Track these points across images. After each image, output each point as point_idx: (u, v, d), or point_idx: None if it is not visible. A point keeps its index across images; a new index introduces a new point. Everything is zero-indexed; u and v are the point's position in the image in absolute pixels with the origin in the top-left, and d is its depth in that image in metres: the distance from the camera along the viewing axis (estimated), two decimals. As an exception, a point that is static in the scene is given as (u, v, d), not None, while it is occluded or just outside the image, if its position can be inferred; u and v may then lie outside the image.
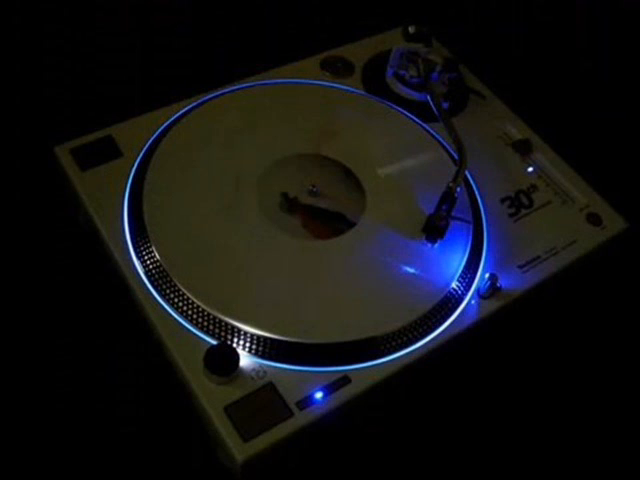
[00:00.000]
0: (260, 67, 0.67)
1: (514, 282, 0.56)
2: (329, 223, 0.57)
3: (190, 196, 0.56)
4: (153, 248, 0.53)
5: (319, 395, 0.48)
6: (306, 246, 0.55)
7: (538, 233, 0.60)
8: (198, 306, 0.50)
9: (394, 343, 0.51)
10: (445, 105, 0.65)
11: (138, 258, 0.53)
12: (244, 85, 0.65)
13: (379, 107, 0.66)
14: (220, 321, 0.50)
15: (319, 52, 0.69)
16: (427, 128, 0.65)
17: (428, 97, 0.64)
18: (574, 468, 0.55)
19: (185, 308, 0.50)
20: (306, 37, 0.78)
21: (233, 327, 0.50)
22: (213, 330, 0.50)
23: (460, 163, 0.58)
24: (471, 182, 0.62)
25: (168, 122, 0.61)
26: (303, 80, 0.67)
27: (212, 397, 0.47)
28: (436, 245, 0.56)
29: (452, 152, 0.62)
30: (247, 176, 0.58)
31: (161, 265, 0.52)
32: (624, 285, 0.66)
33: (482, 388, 0.57)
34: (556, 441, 0.56)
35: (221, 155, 0.59)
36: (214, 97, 0.64)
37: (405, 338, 0.51)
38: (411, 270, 0.55)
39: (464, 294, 0.55)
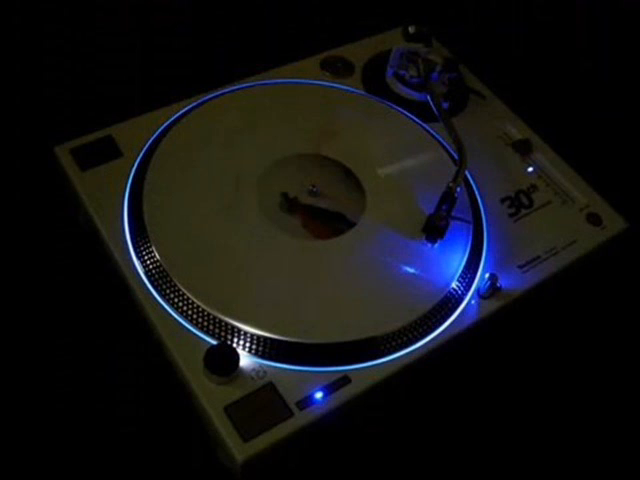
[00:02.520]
0: (260, 67, 0.67)
1: (514, 282, 0.56)
2: (329, 223, 0.57)
3: (190, 196, 0.56)
4: (153, 248, 0.53)
5: (319, 395, 0.48)
6: (306, 246, 0.55)
7: (538, 233, 0.60)
8: (198, 306, 0.50)
9: (394, 343, 0.51)
10: (445, 105, 0.65)
11: (138, 258, 0.53)
12: (244, 85, 0.65)
13: (379, 107, 0.66)
14: (220, 321, 0.50)
15: (319, 52, 0.69)
16: (427, 128, 0.65)
17: (428, 97, 0.64)
18: (574, 468, 0.55)
19: (185, 308, 0.50)
20: (306, 37, 0.78)
21: (233, 327, 0.50)
22: (213, 330, 0.50)
23: (460, 163, 0.58)
24: (471, 182, 0.62)
25: (168, 122, 0.61)
26: (303, 80, 0.67)
27: (212, 397, 0.47)
28: (436, 245, 0.56)
29: (452, 152, 0.62)
30: (247, 176, 0.58)
31: (161, 265, 0.52)
32: (624, 285, 0.66)
33: (482, 388, 0.57)
34: (556, 441, 0.56)
35: (221, 155, 0.59)
36: (214, 97, 0.64)
37: (405, 338, 0.51)
38: (411, 270, 0.55)
39: (464, 294, 0.55)
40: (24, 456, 0.50)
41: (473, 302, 0.55)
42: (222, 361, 0.47)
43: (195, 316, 0.50)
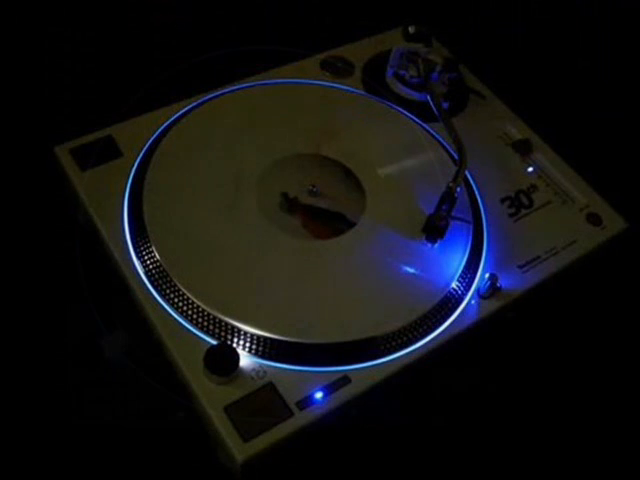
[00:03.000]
0: (260, 67, 0.67)
1: (514, 282, 0.56)
2: (329, 223, 0.57)
3: (190, 196, 0.56)
4: (153, 248, 0.53)
5: (319, 395, 0.48)
6: (306, 246, 0.55)
7: (538, 233, 0.60)
8: (198, 306, 0.50)
9: (394, 343, 0.51)
10: (445, 105, 0.65)
11: (138, 258, 0.53)
12: (244, 85, 0.65)
13: (379, 107, 0.66)
14: (220, 321, 0.50)
15: (319, 52, 0.69)
16: (427, 128, 0.65)
17: (428, 97, 0.64)
18: (574, 468, 0.55)
19: (185, 308, 0.50)
20: (306, 37, 0.78)
21: (233, 327, 0.50)
22: (213, 330, 0.50)
23: (460, 163, 0.58)
24: (471, 182, 0.62)
25: (168, 122, 0.61)
26: (303, 80, 0.67)
27: (212, 397, 0.47)
28: (436, 245, 0.56)
29: (452, 152, 0.62)
30: (247, 176, 0.58)
31: (161, 265, 0.52)
32: (624, 285, 0.66)
33: (482, 388, 0.57)
34: (556, 441, 0.56)
35: (221, 155, 0.59)
36: (214, 97, 0.64)
37: (405, 338, 0.51)
38: (411, 270, 0.55)
39: (464, 294, 0.55)
40: (24, 456, 0.50)
41: (473, 302, 0.55)
42: (222, 361, 0.47)
43: (195, 316, 0.50)
